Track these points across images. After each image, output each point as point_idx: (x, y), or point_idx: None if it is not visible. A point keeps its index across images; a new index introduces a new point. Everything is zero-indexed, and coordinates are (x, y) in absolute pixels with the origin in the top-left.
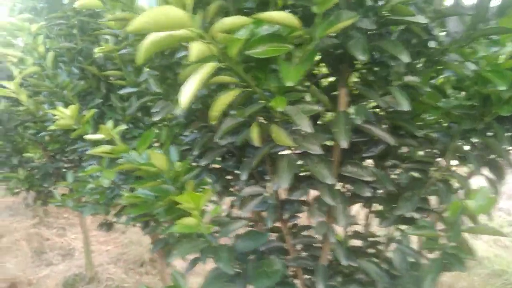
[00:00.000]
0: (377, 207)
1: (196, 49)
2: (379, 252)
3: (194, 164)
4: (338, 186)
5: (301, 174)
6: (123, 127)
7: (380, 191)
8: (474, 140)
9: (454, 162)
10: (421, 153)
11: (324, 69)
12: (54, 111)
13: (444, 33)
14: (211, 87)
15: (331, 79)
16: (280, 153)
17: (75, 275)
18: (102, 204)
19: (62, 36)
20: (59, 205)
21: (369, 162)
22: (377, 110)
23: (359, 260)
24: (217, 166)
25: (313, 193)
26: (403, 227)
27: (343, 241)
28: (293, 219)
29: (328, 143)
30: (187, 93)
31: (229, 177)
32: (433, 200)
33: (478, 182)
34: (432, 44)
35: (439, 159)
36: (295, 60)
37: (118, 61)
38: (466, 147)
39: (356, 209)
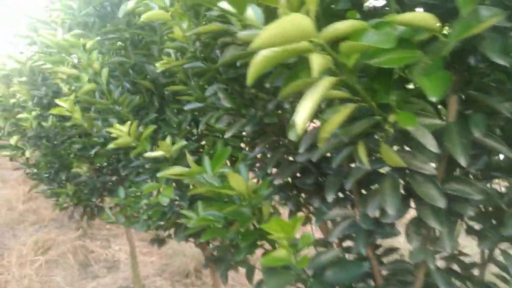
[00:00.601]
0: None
1: (318, 62)
2: (472, 274)
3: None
4: None
5: None
6: (182, 142)
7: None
8: None
9: None
10: None
11: None
12: (110, 129)
13: None
14: (289, 99)
15: None
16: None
17: None
18: (155, 221)
19: (113, 50)
20: (111, 222)
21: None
22: None
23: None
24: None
25: None
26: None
27: None
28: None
29: None
30: (304, 113)
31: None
32: None
33: None
34: None
35: None
36: (420, 67)
37: (182, 76)
38: None
39: None
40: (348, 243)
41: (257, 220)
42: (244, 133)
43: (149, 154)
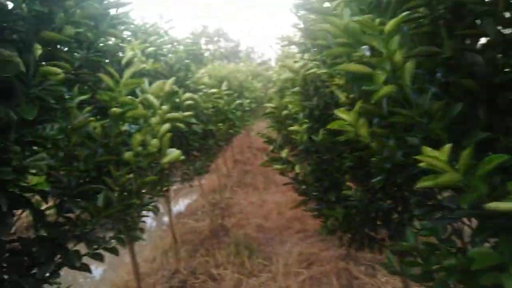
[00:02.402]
0: None
1: None
2: None
3: None
4: None
5: None
6: None
7: None
8: None
9: None
10: None
11: None
12: (422, 157)
13: None
14: None
15: None
16: None
17: None
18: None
19: (417, 37)
20: (394, 273)
21: None
22: None
23: None
24: None
25: None
26: None
27: None
28: None
29: None
30: None
31: None
32: None
33: None
34: None
35: None
36: None
37: None
38: None
39: None
40: None
41: None
42: None
43: (498, 205)
